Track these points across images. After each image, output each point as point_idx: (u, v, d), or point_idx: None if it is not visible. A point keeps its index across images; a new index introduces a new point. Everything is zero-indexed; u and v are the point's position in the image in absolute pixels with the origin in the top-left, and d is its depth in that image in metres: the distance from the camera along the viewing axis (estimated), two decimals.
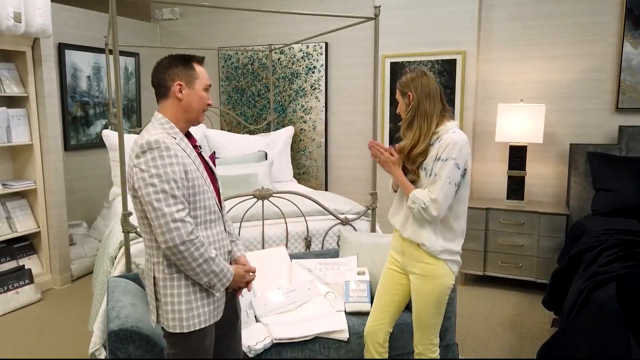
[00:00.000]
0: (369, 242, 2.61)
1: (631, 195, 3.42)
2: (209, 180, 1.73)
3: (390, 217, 2.10)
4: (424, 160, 1.92)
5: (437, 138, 1.91)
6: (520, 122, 3.76)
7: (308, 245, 2.84)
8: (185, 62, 1.70)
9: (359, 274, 2.47)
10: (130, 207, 2.43)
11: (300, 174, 4.87)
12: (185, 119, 1.71)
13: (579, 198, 3.83)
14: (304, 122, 4.83)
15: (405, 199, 1.98)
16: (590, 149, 3.76)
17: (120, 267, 2.44)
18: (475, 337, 3.09)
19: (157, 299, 1.66)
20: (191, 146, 1.71)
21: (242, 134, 4.81)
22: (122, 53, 4.85)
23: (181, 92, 1.67)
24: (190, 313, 1.62)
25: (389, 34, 4.24)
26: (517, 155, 3.87)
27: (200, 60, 1.74)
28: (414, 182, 1.95)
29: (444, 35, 4.11)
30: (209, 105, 1.75)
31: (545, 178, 4.06)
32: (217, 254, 1.66)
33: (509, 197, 3.94)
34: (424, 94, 1.94)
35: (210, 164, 1.83)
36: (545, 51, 3.93)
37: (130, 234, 2.40)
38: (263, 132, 4.87)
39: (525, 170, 3.86)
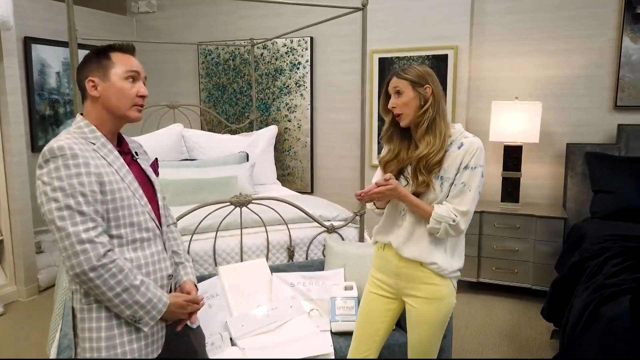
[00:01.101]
0: (358, 253, 2.39)
1: (631, 198, 3.25)
2: (140, 192, 1.46)
3: (380, 235, 1.84)
4: (440, 168, 1.67)
5: (451, 142, 1.68)
6: (516, 121, 3.57)
7: (291, 255, 2.61)
8: (100, 53, 1.44)
9: (346, 289, 2.24)
10: None
11: (285, 176, 4.64)
12: (111, 119, 1.45)
13: (576, 200, 3.65)
14: (289, 120, 4.59)
15: (403, 215, 1.74)
16: (587, 148, 3.59)
17: None
18: (470, 350, 2.90)
19: (75, 334, 1.40)
20: (117, 153, 1.45)
21: (223, 133, 4.57)
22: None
23: (95, 88, 1.42)
24: (113, 351, 1.36)
25: (377, 28, 4.02)
26: (512, 156, 3.68)
27: (123, 48, 1.46)
28: (422, 194, 1.69)
29: (434, 30, 3.90)
30: (141, 97, 1.46)
31: (540, 179, 3.88)
32: (143, 280, 1.39)
33: (503, 199, 3.75)
34: (441, 91, 1.70)
35: (149, 173, 1.57)
36: (541, 46, 3.74)
37: None
38: (245, 132, 4.63)
39: (520, 171, 3.68)
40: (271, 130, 4.39)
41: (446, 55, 3.89)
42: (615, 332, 1.93)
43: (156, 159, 1.66)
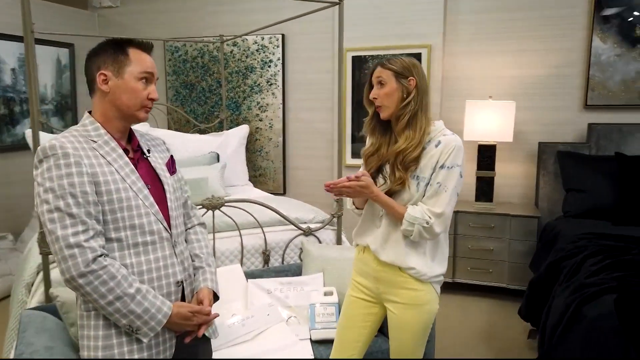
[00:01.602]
0: (337, 257, 2.30)
1: (603, 196, 3.28)
2: (145, 192, 1.37)
3: (358, 238, 1.77)
4: (417, 167, 1.61)
5: (429, 140, 1.61)
6: (490, 120, 3.56)
7: (266, 260, 2.51)
8: (117, 46, 1.37)
9: (325, 294, 2.14)
10: None
11: (257, 177, 4.51)
12: (118, 117, 1.38)
13: (549, 199, 3.68)
14: (260, 120, 4.47)
15: (381, 217, 1.67)
16: (559, 147, 3.61)
17: (38, 296, 2.02)
18: (448, 352, 2.85)
19: (79, 342, 1.35)
20: (121, 151, 1.37)
21: (192, 133, 4.40)
22: (55, 43, 4.34)
23: (106, 83, 1.35)
24: None
25: (350, 26, 3.94)
26: (486, 155, 3.67)
27: (142, 45, 1.39)
28: (397, 194, 1.62)
29: (408, 28, 3.86)
30: (151, 100, 1.39)
31: (513, 178, 3.89)
32: (139, 288, 1.30)
33: (477, 198, 3.74)
34: (425, 85, 1.63)
35: (160, 171, 1.46)
36: (514, 45, 3.74)
37: (50, 256, 1.99)
38: (215, 132, 4.48)
39: (494, 170, 3.67)
40: (242, 130, 4.26)
41: (419, 54, 3.85)
42: (600, 332, 1.91)
43: (171, 156, 1.56)
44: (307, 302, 2.15)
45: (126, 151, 1.40)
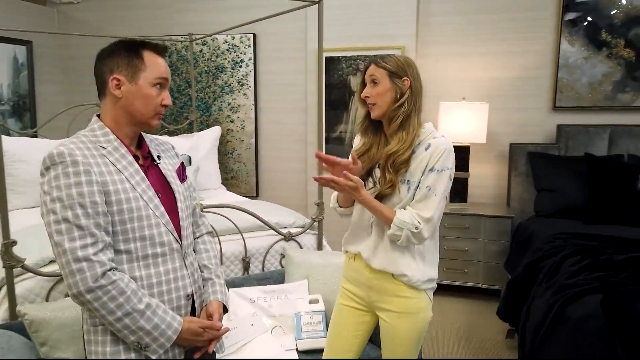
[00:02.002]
0: (321, 263, 2.24)
1: (573, 196, 3.36)
2: (155, 202, 1.31)
3: (348, 245, 1.72)
4: (407, 169, 1.56)
5: (419, 143, 1.57)
6: (463, 122, 3.59)
7: (246, 267, 2.42)
8: (131, 48, 1.29)
9: (311, 302, 2.08)
10: (14, 232, 1.89)
11: (229, 179, 4.40)
12: (130, 123, 1.31)
13: (520, 199, 3.74)
14: (232, 121, 4.36)
15: (372, 222, 1.62)
16: (530, 148, 3.68)
17: (2, 314, 1.87)
18: (426, 353, 2.85)
19: (87, 357, 1.29)
20: (131, 158, 1.30)
21: (161, 134, 4.25)
22: (11, 40, 4.10)
23: (119, 88, 1.28)
24: None
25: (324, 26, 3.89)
26: (460, 156, 3.69)
27: (156, 48, 1.33)
28: (387, 197, 1.58)
29: (381, 29, 3.85)
30: (164, 106, 1.33)
31: (486, 179, 3.94)
32: (149, 304, 1.24)
33: (452, 199, 3.76)
34: (420, 86, 1.59)
35: (170, 179, 1.39)
36: (486, 47, 3.79)
37: (15, 270, 1.85)
38: (185, 133, 4.34)
39: (468, 171, 3.71)
40: (215, 132, 4.15)
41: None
42: (585, 332, 1.93)
43: (182, 163, 1.48)
44: (292, 311, 2.08)
45: (136, 158, 1.33)
